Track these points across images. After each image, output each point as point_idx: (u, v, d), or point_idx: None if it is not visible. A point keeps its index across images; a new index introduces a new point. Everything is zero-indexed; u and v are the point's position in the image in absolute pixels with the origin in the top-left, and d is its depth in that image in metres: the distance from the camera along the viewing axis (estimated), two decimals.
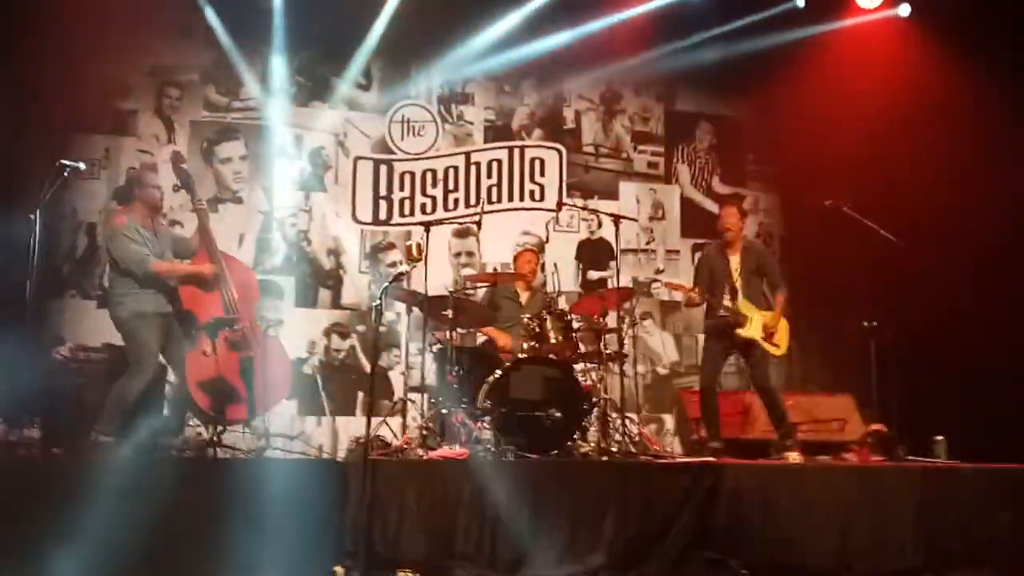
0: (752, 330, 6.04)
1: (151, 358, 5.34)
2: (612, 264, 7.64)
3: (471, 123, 8.33)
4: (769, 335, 6.08)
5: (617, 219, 6.36)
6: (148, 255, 5.36)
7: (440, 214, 8.06)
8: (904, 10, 7.83)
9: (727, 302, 6.06)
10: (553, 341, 5.92)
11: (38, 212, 5.17)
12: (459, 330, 6.19)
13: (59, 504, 4.32)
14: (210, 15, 7.44)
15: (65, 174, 5.17)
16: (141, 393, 5.30)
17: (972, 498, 5.31)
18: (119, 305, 5.37)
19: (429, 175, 8.14)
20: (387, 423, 6.12)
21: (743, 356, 6.25)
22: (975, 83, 7.09)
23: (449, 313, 5.93)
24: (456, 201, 8.15)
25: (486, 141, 8.33)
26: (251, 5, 7.47)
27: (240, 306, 5.57)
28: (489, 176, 8.26)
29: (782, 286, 6.30)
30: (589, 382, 6.06)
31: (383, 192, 8.06)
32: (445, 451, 5.28)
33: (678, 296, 6.18)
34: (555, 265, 6.81)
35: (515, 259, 7.07)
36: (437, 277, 7.25)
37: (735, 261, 6.22)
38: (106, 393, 5.32)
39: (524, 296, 6.72)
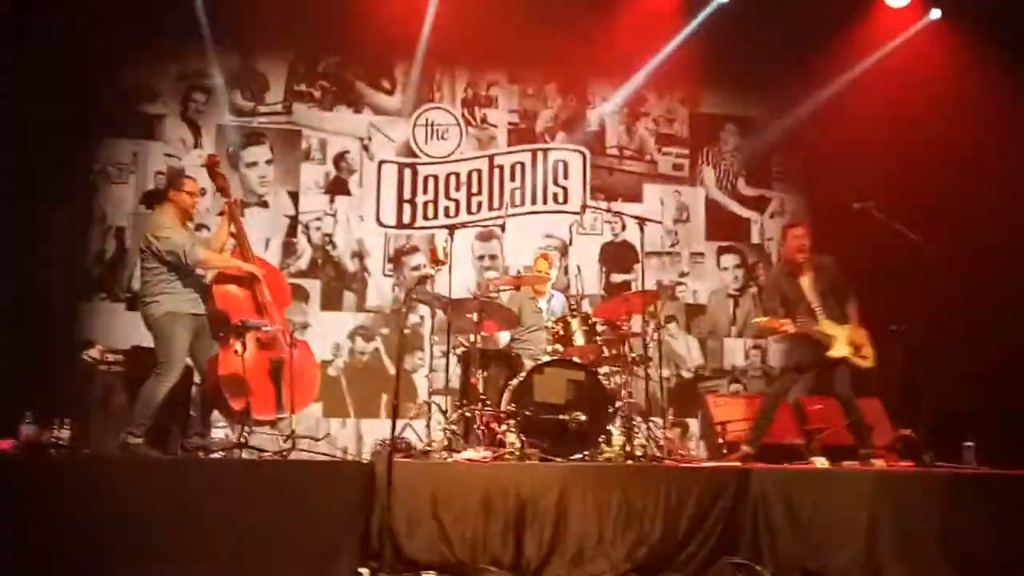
0: (840, 348, 5.96)
1: (180, 359, 5.35)
2: (636, 267, 7.63)
3: (495, 126, 8.34)
4: (857, 349, 6.00)
5: (641, 222, 6.33)
6: (194, 244, 5.39)
7: (464, 217, 8.08)
8: (935, 14, 7.72)
9: (813, 325, 5.95)
10: (577, 344, 5.93)
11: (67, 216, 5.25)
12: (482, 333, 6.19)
13: (88, 502, 4.37)
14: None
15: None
16: (169, 394, 5.34)
17: (1002, 505, 5.23)
18: (153, 304, 5.35)
19: (453, 178, 8.17)
20: (411, 426, 6.14)
21: (826, 371, 6.11)
22: (1007, 83, 7.01)
23: (473, 316, 5.94)
24: (479, 204, 8.17)
25: (509, 144, 8.34)
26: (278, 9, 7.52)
27: (272, 308, 5.60)
28: (512, 179, 8.27)
29: (853, 296, 6.16)
30: (613, 385, 6.04)
31: (407, 196, 8.10)
32: (469, 454, 5.28)
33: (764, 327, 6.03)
34: (578, 268, 6.79)
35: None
36: (461, 280, 7.28)
37: (806, 283, 6.09)
38: (135, 395, 5.37)
39: (543, 300, 6.68)
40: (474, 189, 8.18)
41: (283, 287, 5.95)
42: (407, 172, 8.12)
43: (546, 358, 5.80)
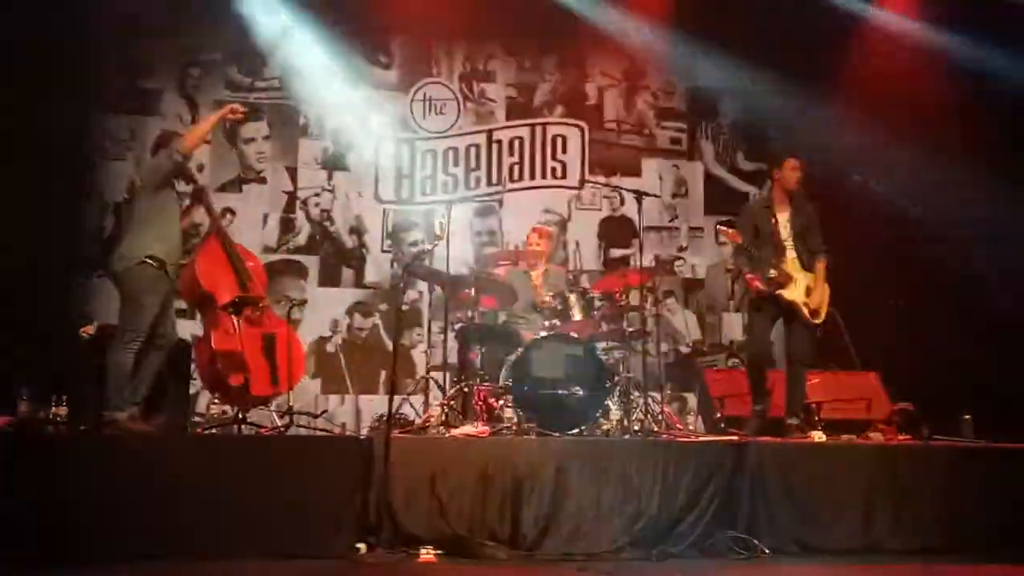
0: (795, 292, 5.78)
1: (144, 321, 5.08)
2: (635, 242, 7.59)
3: (493, 100, 8.28)
4: (810, 299, 5.80)
5: (640, 196, 6.29)
6: (172, 146, 5.23)
7: (462, 193, 8.05)
8: None
9: (774, 261, 5.77)
10: (575, 319, 5.91)
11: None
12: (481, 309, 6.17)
13: (84, 479, 4.38)
14: None
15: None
16: (164, 369, 5.32)
17: (998, 478, 5.25)
18: (122, 259, 5.17)
19: (451, 153, 8.12)
20: (409, 401, 6.13)
21: (785, 322, 5.94)
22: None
23: (471, 292, 5.92)
24: (478, 179, 8.13)
25: (508, 119, 8.28)
26: None
27: (252, 285, 5.57)
28: (511, 154, 8.22)
29: (823, 253, 5.96)
30: (611, 360, 6.04)
31: (405, 171, 8.06)
32: (467, 429, 5.29)
33: (725, 242, 5.84)
34: (577, 243, 6.75)
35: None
36: (459, 256, 7.23)
37: (783, 219, 5.92)
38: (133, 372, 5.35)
39: (535, 274, 6.64)
40: (472, 164, 8.14)
41: (259, 269, 5.91)
42: (405, 147, 8.08)
43: (544, 333, 5.80)
